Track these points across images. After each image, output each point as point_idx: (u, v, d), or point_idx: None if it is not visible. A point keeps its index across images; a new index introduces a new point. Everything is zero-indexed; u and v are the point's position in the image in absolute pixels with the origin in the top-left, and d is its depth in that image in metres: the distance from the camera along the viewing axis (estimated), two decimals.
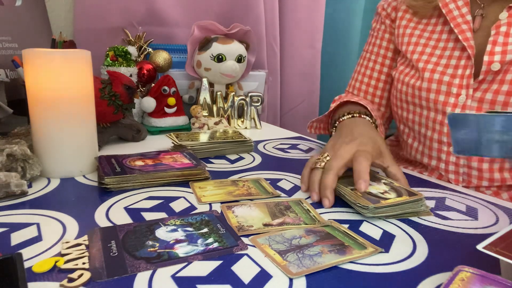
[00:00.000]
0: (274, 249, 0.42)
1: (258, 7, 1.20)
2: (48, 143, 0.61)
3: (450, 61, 0.68)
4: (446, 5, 0.69)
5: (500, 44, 0.62)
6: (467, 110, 0.65)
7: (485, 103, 0.63)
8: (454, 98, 0.66)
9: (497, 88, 0.62)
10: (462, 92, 0.66)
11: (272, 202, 0.55)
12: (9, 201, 0.52)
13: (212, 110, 1.02)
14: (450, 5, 0.68)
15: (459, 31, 0.67)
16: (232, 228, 0.47)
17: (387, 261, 0.41)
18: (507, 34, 0.63)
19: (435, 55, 0.71)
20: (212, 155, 0.77)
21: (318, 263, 0.39)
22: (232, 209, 0.52)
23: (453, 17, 0.68)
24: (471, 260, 0.42)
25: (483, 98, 0.63)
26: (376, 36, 0.86)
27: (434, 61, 0.70)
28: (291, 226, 0.48)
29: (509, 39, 0.62)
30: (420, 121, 0.73)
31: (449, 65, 0.68)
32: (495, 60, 0.62)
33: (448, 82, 0.67)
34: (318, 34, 1.37)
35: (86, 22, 1.04)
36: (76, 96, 0.61)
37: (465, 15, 0.67)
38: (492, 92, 0.62)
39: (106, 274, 0.37)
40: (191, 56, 1.02)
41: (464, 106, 0.65)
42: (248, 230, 0.46)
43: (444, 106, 0.67)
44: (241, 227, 0.47)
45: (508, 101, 0.60)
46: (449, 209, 0.55)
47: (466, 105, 0.65)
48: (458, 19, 0.67)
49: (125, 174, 0.58)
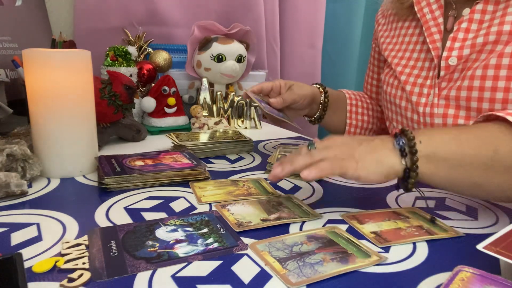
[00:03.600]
0: (274, 256, 0.41)
1: (258, 7, 1.20)
2: (48, 143, 0.61)
3: (418, 63, 0.71)
4: (421, 9, 0.71)
5: (460, 40, 0.64)
6: (435, 108, 0.67)
7: (451, 100, 0.65)
8: (425, 98, 0.68)
9: (460, 84, 0.63)
10: (431, 91, 0.68)
11: (264, 199, 0.55)
12: (9, 201, 0.52)
13: (212, 110, 1.02)
14: (425, 9, 0.70)
15: (428, 33, 0.69)
16: (232, 228, 0.47)
17: (387, 261, 0.41)
18: (467, 30, 0.63)
19: (407, 57, 0.74)
20: (212, 155, 0.77)
21: (319, 272, 0.38)
22: (227, 208, 0.52)
23: (426, 21, 0.70)
24: (471, 260, 0.42)
25: (448, 96, 0.65)
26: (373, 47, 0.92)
27: (406, 64, 0.73)
28: (287, 220, 0.49)
29: (468, 34, 0.63)
30: (401, 121, 0.75)
31: (417, 66, 0.71)
32: (452, 55, 0.64)
33: (421, 83, 0.69)
34: (319, 34, 1.37)
35: (86, 22, 1.04)
36: (76, 96, 0.61)
37: (437, 18, 0.69)
38: (455, 89, 0.63)
39: (106, 274, 0.37)
40: (191, 56, 1.02)
41: (433, 105, 0.67)
42: (247, 226, 0.47)
43: (417, 106, 0.69)
44: (240, 223, 0.48)
45: (470, 96, 0.61)
46: (449, 209, 0.55)
47: (433, 103, 0.67)
48: (430, 22, 0.69)
49: (125, 174, 0.58)
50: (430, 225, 0.49)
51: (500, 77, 0.58)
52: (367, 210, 0.54)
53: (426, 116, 0.68)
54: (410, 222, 0.50)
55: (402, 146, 0.48)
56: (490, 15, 0.61)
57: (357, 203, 0.56)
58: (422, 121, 0.69)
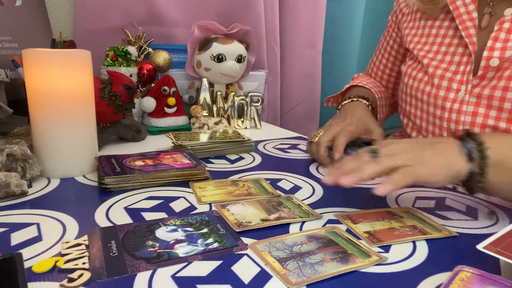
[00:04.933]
0: (274, 256, 0.41)
1: (258, 7, 1.20)
2: (48, 143, 0.61)
3: (453, 57, 0.69)
4: (453, 2, 0.69)
5: (501, 41, 0.62)
6: (464, 105, 0.66)
7: (483, 99, 0.64)
8: (454, 93, 0.67)
9: (495, 84, 0.62)
10: (461, 88, 0.66)
11: (264, 199, 0.55)
12: (9, 201, 0.52)
13: (212, 110, 1.02)
14: (457, 2, 0.69)
15: (463, 27, 0.67)
16: (232, 228, 0.47)
17: (387, 261, 0.41)
18: (510, 30, 0.62)
19: (440, 51, 0.71)
20: (212, 155, 0.77)
21: (319, 272, 0.38)
22: (227, 208, 0.52)
23: (459, 14, 0.68)
24: (471, 260, 0.42)
25: (481, 94, 0.64)
26: (388, 31, 0.92)
27: (438, 58, 0.71)
28: (287, 220, 0.49)
29: (510, 35, 0.62)
30: (421, 116, 0.74)
31: (452, 61, 0.69)
32: (494, 55, 0.62)
33: (450, 78, 0.68)
34: (319, 34, 1.37)
35: (86, 22, 1.04)
36: (76, 96, 0.61)
37: (471, 12, 0.67)
38: (490, 88, 0.62)
39: (106, 274, 0.37)
40: (191, 56, 1.02)
41: (462, 101, 0.66)
42: (247, 226, 0.47)
43: (443, 101, 0.68)
44: (240, 223, 0.48)
45: (505, 96, 0.60)
46: (449, 209, 0.55)
47: (464, 100, 0.66)
48: (464, 16, 0.67)
49: (125, 174, 0.58)
50: (424, 225, 0.49)
51: None
52: (361, 210, 0.54)
53: (453, 113, 0.66)
54: (404, 221, 0.50)
55: (470, 150, 0.47)
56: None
57: (357, 203, 0.56)
58: (446, 117, 0.68)
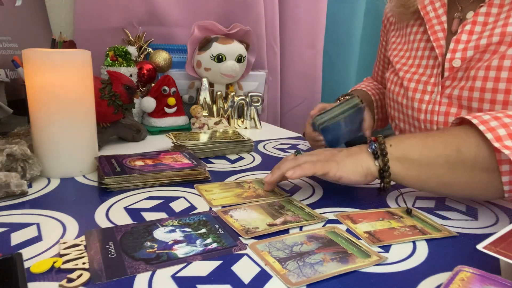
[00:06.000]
0: (274, 256, 0.41)
1: (258, 7, 1.20)
2: (48, 143, 0.61)
3: (426, 61, 0.71)
4: (424, 7, 0.71)
5: (463, 42, 0.64)
6: (437, 105, 0.67)
7: (453, 99, 0.65)
8: (428, 95, 0.69)
9: (463, 84, 0.63)
10: (434, 89, 0.68)
11: (265, 203, 0.55)
12: (9, 201, 0.52)
13: (212, 110, 1.02)
14: (428, 7, 0.71)
15: (432, 32, 0.69)
16: (231, 228, 0.46)
17: (387, 261, 0.41)
18: (471, 32, 0.64)
19: (414, 57, 0.74)
20: (212, 155, 0.77)
21: (319, 272, 0.38)
22: (229, 213, 0.51)
23: (429, 19, 0.70)
24: (471, 260, 0.42)
25: (451, 94, 0.65)
26: (380, 40, 0.94)
27: (409, 63, 0.74)
28: (294, 224, 0.48)
29: (472, 36, 0.64)
30: (404, 119, 0.76)
31: (423, 65, 0.72)
32: (456, 57, 0.64)
33: (425, 81, 0.70)
34: (320, 35, 1.37)
35: (86, 22, 1.04)
36: (76, 96, 0.61)
37: (440, 16, 0.69)
38: (458, 89, 0.64)
39: (106, 276, 0.37)
40: (191, 56, 1.02)
41: (435, 102, 0.68)
42: (256, 232, 0.46)
43: (420, 103, 0.70)
44: (247, 229, 0.46)
45: (472, 96, 0.62)
46: (449, 209, 0.55)
47: (436, 101, 0.68)
48: (434, 21, 0.70)
49: (125, 174, 0.58)
50: (424, 225, 0.50)
51: (501, 78, 0.58)
52: (361, 210, 0.54)
53: (428, 113, 0.68)
54: (403, 222, 0.50)
55: (374, 149, 0.54)
56: (494, 17, 0.62)
57: (357, 203, 0.56)
58: (422, 119, 0.69)
